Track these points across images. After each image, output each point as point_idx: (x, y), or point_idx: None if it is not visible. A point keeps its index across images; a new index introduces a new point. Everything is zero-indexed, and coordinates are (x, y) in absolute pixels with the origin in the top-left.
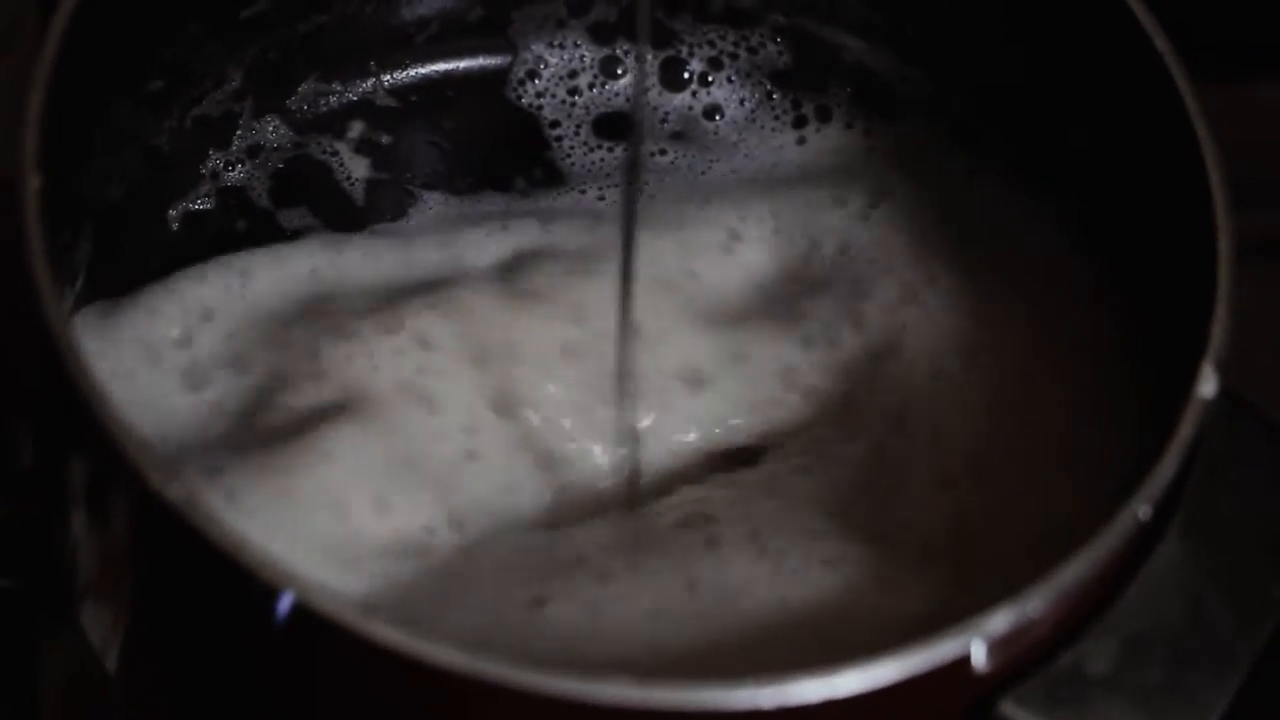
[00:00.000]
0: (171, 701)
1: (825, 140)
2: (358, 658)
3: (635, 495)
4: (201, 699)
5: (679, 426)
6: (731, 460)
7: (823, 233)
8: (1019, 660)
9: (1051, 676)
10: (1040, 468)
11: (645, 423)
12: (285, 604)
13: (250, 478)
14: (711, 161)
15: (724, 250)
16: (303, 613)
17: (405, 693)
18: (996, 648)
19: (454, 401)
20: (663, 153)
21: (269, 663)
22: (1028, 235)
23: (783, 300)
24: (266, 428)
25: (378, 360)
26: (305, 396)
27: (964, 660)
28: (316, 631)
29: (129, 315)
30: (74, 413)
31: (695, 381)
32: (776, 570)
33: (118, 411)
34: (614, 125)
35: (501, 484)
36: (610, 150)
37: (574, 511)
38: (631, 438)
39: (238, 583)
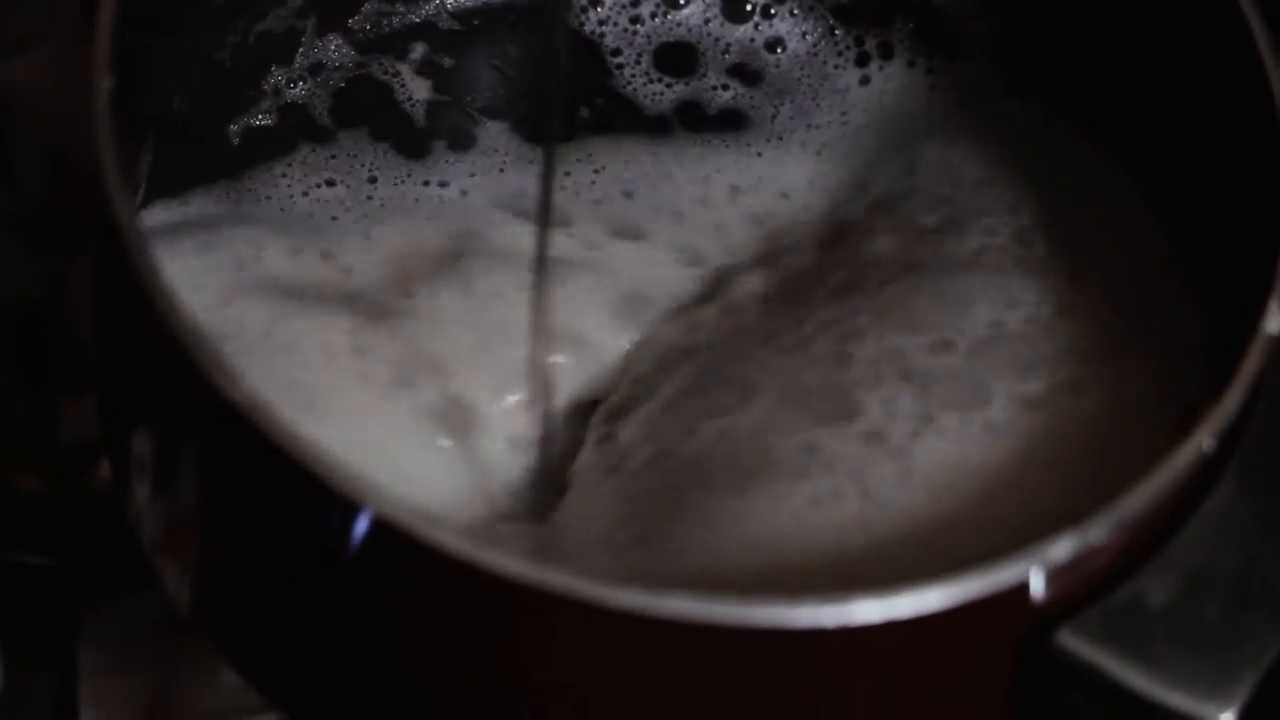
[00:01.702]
0: (244, 627)
1: (888, 81)
2: (433, 570)
3: None
4: (275, 621)
5: None
6: None
7: (887, 178)
8: (1077, 590)
9: (1110, 608)
10: (1105, 403)
11: None
12: (362, 518)
13: None
14: (776, 106)
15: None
16: (380, 525)
17: (477, 606)
18: (1056, 576)
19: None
20: (725, 88)
21: (343, 575)
22: (1090, 176)
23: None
24: None
25: None
26: None
27: (1023, 587)
28: (393, 544)
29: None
30: (142, 317)
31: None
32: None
33: (187, 312)
34: (675, 55)
35: None
36: (669, 85)
37: None
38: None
39: (310, 492)
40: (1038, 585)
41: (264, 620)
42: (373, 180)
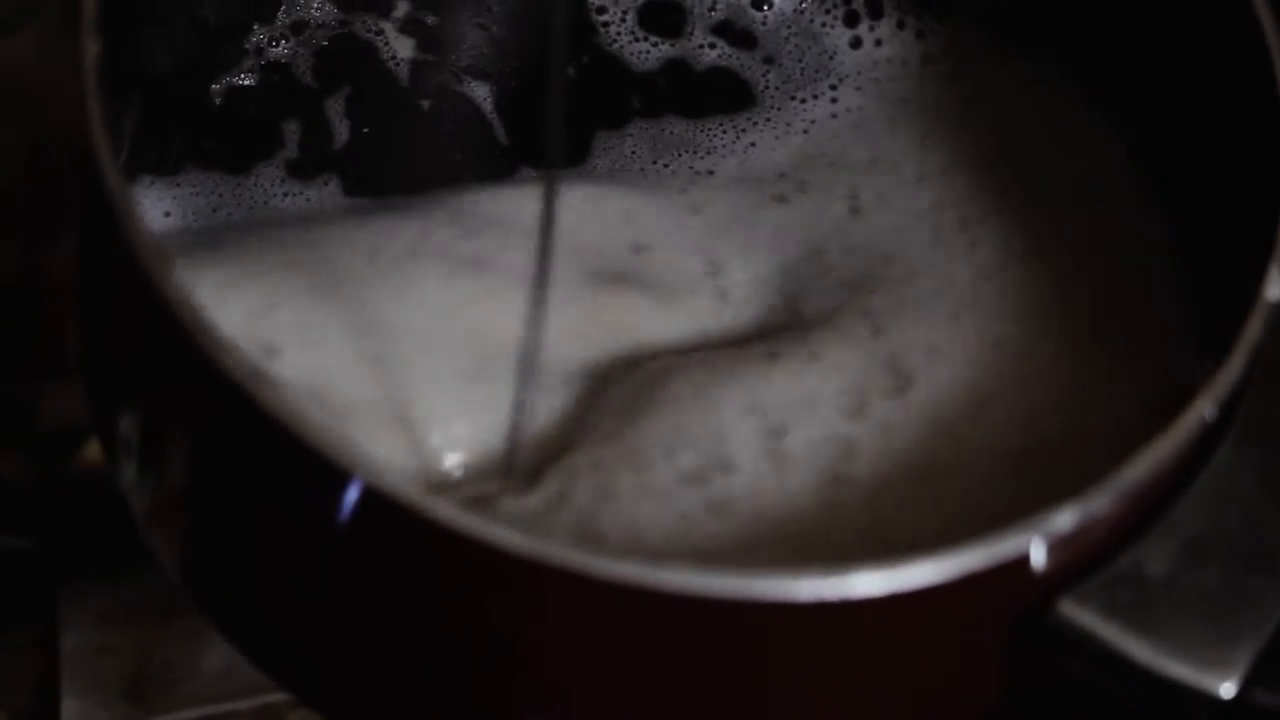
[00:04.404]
0: (237, 600)
1: (880, 49)
2: (425, 541)
3: None
4: (267, 593)
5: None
6: None
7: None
8: (1078, 560)
9: (1110, 577)
10: (1099, 374)
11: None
12: (353, 487)
13: None
14: (765, 73)
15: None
16: (371, 495)
17: (471, 578)
18: (1057, 547)
19: None
20: (711, 46)
21: (334, 547)
22: (1082, 143)
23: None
24: None
25: None
26: None
27: (1024, 559)
28: (384, 514)
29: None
30: (130, 280)
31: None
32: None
33: (176, 277)
34: (660, 14)
35: None
36: (655, 44)
37: None
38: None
39: (300, 461)
40: (1039, 556)
41: (257, 592)
42: None
